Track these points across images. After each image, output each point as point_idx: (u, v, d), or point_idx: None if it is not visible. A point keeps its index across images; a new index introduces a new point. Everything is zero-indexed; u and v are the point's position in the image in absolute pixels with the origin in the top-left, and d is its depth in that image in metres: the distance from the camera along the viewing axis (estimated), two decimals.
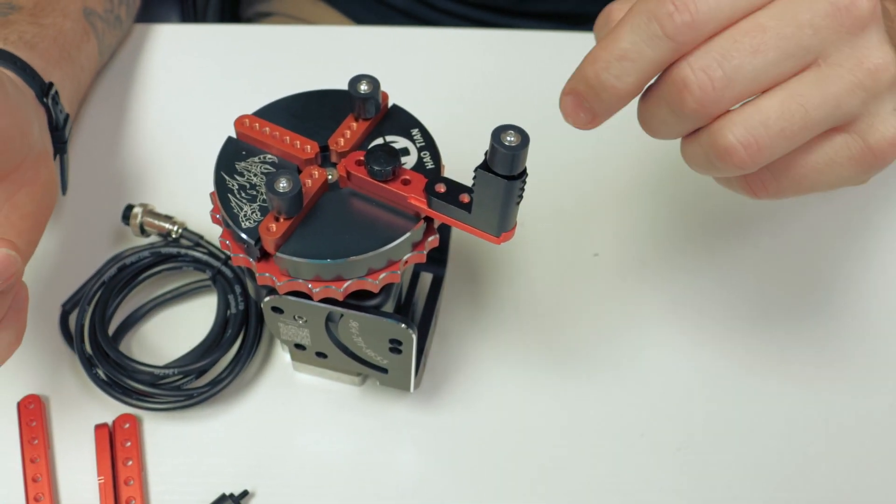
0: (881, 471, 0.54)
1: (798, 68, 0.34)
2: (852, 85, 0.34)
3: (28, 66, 0.51)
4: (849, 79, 0.34)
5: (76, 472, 0.52)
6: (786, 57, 0.34)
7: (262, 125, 0.45)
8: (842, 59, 0.34)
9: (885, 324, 0.59)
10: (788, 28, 0.33)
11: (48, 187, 0.46)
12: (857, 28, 0.33)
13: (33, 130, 0.46)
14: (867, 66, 0.34)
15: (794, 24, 0.33)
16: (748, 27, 0.34)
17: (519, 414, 0.55)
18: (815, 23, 0.33)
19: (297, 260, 0.41)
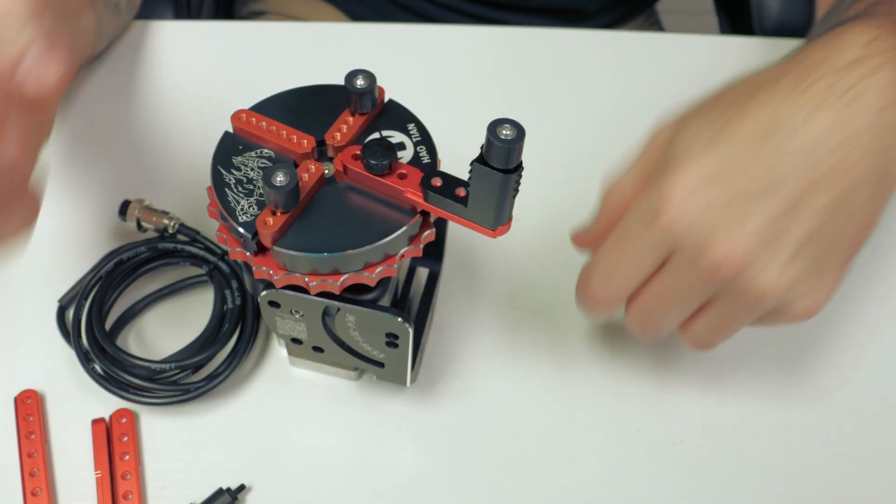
0: (877, 468, 0.54)
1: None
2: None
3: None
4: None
5: (73, 466, 0.52)
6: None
7: (258, 120, 0.45)
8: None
9: (883, 323, 0.60)
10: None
11: (87, 33, 0.43)
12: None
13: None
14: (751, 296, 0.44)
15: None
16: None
17: (515, 408, 0.55)
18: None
19: (293, 254, 0.41)
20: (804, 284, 0.44)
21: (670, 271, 0.45)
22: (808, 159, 0.42)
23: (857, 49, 0.44)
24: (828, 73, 0.43)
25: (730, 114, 0.44)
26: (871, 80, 0.43)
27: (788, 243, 0.43)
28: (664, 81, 0.73)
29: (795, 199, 0.42)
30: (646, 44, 0.76)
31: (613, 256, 0.46)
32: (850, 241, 0.45)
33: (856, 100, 0.42)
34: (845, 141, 0.42)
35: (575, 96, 0.71)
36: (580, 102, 0.71)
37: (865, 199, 0.44)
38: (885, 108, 0.43)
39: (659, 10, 1.03)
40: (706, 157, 0.43)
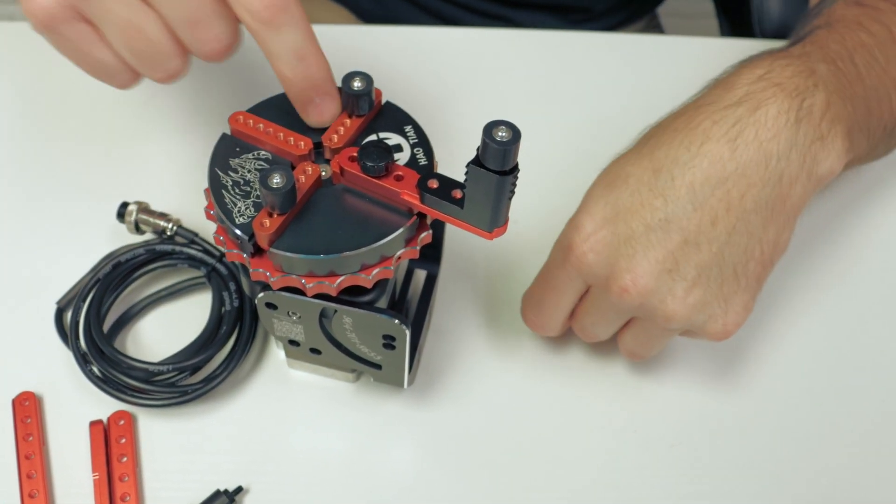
0: (874, 467, 0.54)
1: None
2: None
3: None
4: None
5: (71, 468, 0.52)
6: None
7: (256, 122, 0.45)
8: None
9: (882, 322, 0.60)
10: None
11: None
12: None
13: None
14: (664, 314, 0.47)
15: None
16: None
17: (513, 410, 0.55)
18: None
19: (290, 255, 0.41)
20: (712, 308, 0.47)
21: (591, 298, 0.50)
22: (696, 195, 0.46)
23: (745, 86, 0.48)
24: (715, 111, 0.47)
25: (629, 156, 0.49)
26: (755, 115, 0.46)
27: (687, 272, 0.46)
28: (664, 84, 0.72)
29: (688, 233, 0.46)
30: (646, 46, 0.76)
31: (539, 291, 0.52)
32: (755, 265, 0.48)
33: (739, 135, 0.46)
34: (728, 176, 0.46)
35: (574, 98, 0.71)
36: (579, 104, 0.71)
37: (758, 226, 0.47)
38: (769, 141, 0.46)
39: (660, 14, 1.03)
40: (605, 198, 0.47)
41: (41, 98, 0.68)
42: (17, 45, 0.71)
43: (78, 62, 0.45)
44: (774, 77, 0.48)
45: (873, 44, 0.53)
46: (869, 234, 0.64)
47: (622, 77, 0.73)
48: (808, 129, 0.47)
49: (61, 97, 0.68)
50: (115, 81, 0.45)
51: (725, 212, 0.46)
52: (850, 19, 0.56)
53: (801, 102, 0.47)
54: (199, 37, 0.41)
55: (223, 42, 0.42)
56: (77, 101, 0.68)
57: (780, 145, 0.46)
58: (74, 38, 0.43)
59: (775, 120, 0.46)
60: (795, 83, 0.47)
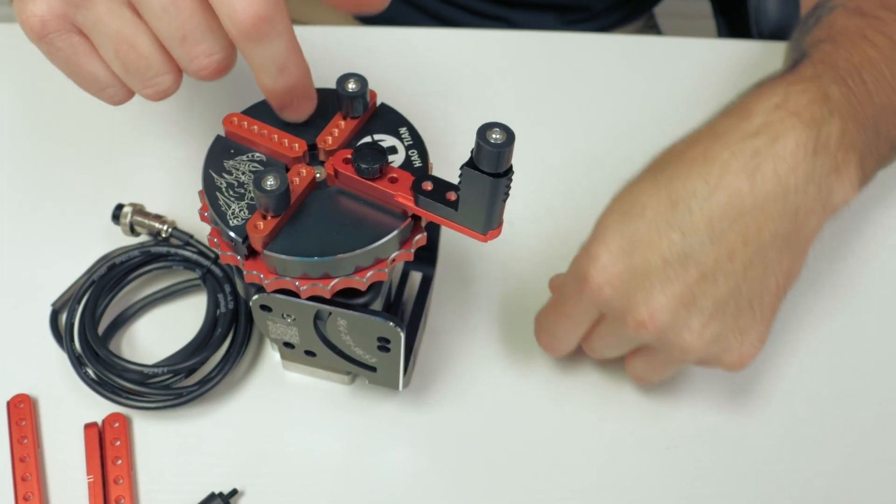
0: (872, 470, 0.54)
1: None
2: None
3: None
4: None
5: (65, 471, 0.52)
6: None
7: (250, 123, 0.45)
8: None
9: (880, 323, 0.59)
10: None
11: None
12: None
13: None
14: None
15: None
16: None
17: (508, 411, 0.55)
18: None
19: (284, 258, 0.41)
20: (727, 340, 0.48)
21: (606, 325, 0.50)
22: (714, 229, 0.46)
23: (762, 115, 0.47)
24: (733, 142, 0.46)
25: (644, 185, 0.48)
26: (773, 148, 0.46)
27: (704, 306, 0.46)
28: (662, 85, 0.73)
29: (706, 267, 0.46)
30: (643, 47, 0.76)
31: (553, 317, 0.52)
32: (769, 297, 0.48)
33: (758, 168, 0.46)
34: (747, 210, 0.46)
35: (570, 100, 0.71)
36: (575, 106, 0.71)
37: (774, 258, 0.47)
38: (788, 174, 0.46)
39: (657, 14, 1.03)
40: (621, 229, 0.47)
41: (36, 100, 0.68)
42: (12, 48, 0.71)
43: (70, 74, 0.44)
44: (791, 106, 0.47)
45: (879, 58, 0.53)
46: (873, 246, 0.63)
47: (619, 78, 0.73)
48: (825, 161, 0.47)
49: (57, 99, 0.68)
50: (106, 96, 0.45)
51: (743, 246, 0.46)
52: (853, 31, 0.56)
53: (818, 133, 0.47)
54: (188, 51, 0.41)
55: (214, 58, 0.42)
56: (72, 104, 0.68)
57: (798, 178, 0.46)
58: (67, 49, 0.43)
59: (794, 152, 0.46)
60: (812, 112, 0.47)
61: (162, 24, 0.40)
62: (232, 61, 0.43)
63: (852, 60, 0.53)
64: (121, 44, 0.41)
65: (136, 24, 0.41)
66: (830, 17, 0.59)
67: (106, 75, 0.44)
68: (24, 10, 0.42)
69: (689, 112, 0.70)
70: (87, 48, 0.43)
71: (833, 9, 0.60)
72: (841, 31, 0.56)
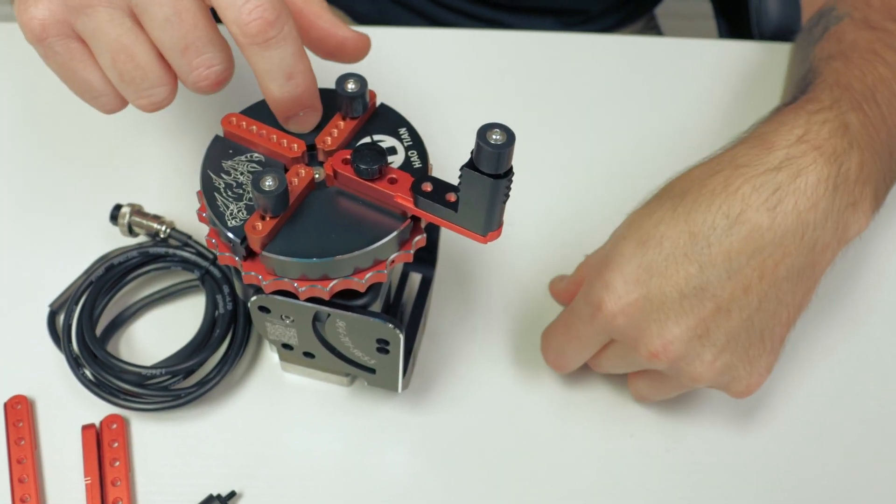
0: (872, 473, 0.54)
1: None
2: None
3: None
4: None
5: (63, 472, 0.52)
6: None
7: (249, 124, 0.45)
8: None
9: (879, 324, 0.59)
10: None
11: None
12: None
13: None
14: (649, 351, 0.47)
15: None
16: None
17: (508, 414, 0.55)
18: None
19: (282, 259, 0.41)
20: (737, 370, 0.48)
21: (616, 350, 0.50)
22: (731, 264, 0.46)
23: (785, 148, 0.47)
24: (755, 176, 0.46)
25: (663, 214, 0.47)
26: (795, 183, 0.46)
27: (717, 338, 0.47)
28: (663, 85, 0.72)
29: (721, 300, 0.46)
30: (644, 48, 0.76)
31: (563, 338, 0.52)
32: (780, 328, 0.48)
33: (779, 204, 0.45)
34: (766, 245, 0.46)
35: (570, 100, 0.71)
36: (575, 106, 0.70)
37: (788, 291, 0.47)
38: (808, 210, 0.46)
39: (658, 15, 1.03)
40: (637, 258, 0.47)
41: (35, 101, 0.68)
42: (11, 48, 0.71)
43: (65, 79, 0.44)
44: (812, 139, 0.47)
45: (891, 77, 0.54)
46: (873, 256, 0.63)
47: (620, 79, 0.73)
48: (844, 196, 0.47)
49: (55, 100, 0.68)
50: (98, 103, 0.45)
51: (759, 280, 0.46)
52: (863, 46, 0.56)
53: (839, 168, 0.47)
54: (189, 62, 0.41)
55: (214, 69, 0.42)
56: (71, 104, 0.67)
57: (817, 215, 0.46)
58: (65, 54, 0.43)
59: (815, 189, 0.46)
60: (833, 145, 0.47)
61: (164, 35, 0.40)
62: (230, 73, 0.43)
63: (865, 81, 0.53)
64: (119, 53, 0.41)
65: (137, 33, 0.41)
66: (838, 28, 0.59)
67: (101, 83, 0.44)
68: (25, 11, 0.42)
69: (690, 113, 0.70)
70: (85, 55, 0.43)
71: (840, 19, 0.60)
72: (851, 46, 0.56)
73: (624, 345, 0.49)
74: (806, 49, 0.62)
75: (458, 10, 0.88)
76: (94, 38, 0.42)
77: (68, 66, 0.43)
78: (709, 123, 0.70)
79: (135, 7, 0.41)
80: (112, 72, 0.42)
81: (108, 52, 0.42)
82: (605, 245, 0.52)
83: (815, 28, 0.63)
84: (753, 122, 0.66)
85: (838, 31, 0.59)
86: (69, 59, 0.43)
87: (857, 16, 0.60)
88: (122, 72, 0.42)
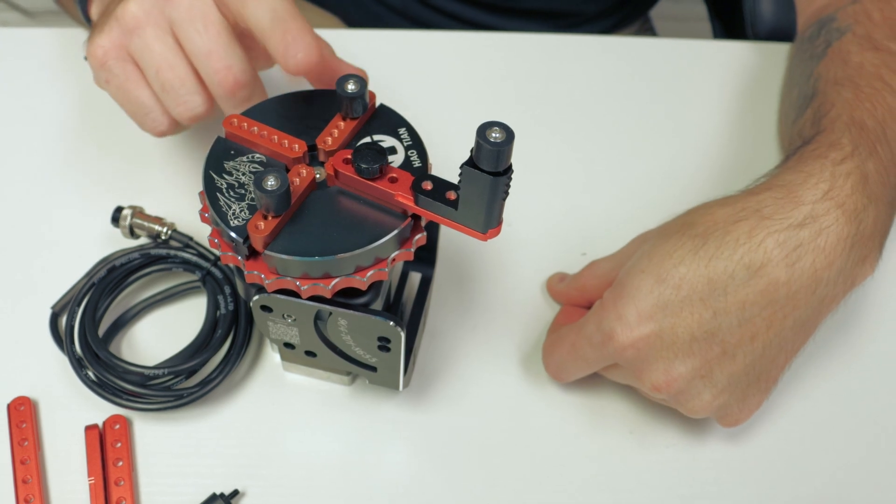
0: (871, 469, 0.54)
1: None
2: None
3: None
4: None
5: (66, 473, 0.52)
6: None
7: (250, 125, 0.45)
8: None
9: (878, 326, 0.60)
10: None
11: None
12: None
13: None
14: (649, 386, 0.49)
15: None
16: None
17: (508, 412, 0.55)
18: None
19: (285, 257, 0.41)
20: (731, 408, 0.50)
21: (619, 373, 0.52)
22: (744, 313, 0.47)
23: (810, 204, 0.48)
24: (779, 231, 0.47)
25: (683, 254, 0.48)
26: (816, 241, 0.47)
27: (719, 380, 0.48)
28: (658, 86, 0.73)
29: (728, 346, 0.47)
30: (640, 49, 0.76)
31: (567, 356, 0.53)
32: (776, 370, 0.50)
33: (798, 261, 0.47)
34: (779, 299, 0.47)
35: (569, 101, 0.71)
36: (573, 106, 0.71)
37: (790, 339, 0.49)
38: (824, 269, 0.47)
39: (652, 17, 1.03)
40: (654, 293, 0.47)
41: (36, 103, 0.68)
42: (12, 53, 0.71)
43: (120, 100, 0.52)
44: (836, 195, 0.48)
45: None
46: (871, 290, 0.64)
47: (617, 79, 0.73)
48: (857, 253, 0.48)
49: (56, 103, 0.68)
50: (148, 121, 0.52)
51: (766, 329, 0.47)
52: (871, 72, 0.57)
53: (858, 227, 0.48)
54: (212, 64, 0.48)
55: (233, 71, 0.48)
56: (71, 106, 0.68)
57: (831, 272, 0.47)
58: (121, 75, 0.50)
59: (833, 248, 0.47)
60: (854, 203, 0.48)
61: (193, 44, 0.48)
62: (247, 77, 0.49)
63: (876, 115, 0.54)
64: (162, 64, 0.49)
65: (176, 49, 0.49)
66: (841, 45, 0.60)
67: (150, 100, 0.51)
68: (92, 42, 0.50)
69: (685, 112, 0.71)
70: (137, 74, 0.50)
71: (842, 33, 0.61)
72: (858, 71, 0.57)
73: (629, 373, 0.50)
74: (808, 63, 0.63)
75: (453, 14, 0.88)
76: (143, 55, 0.49)
77: (124, 86, 0.50)
78: (705, 123, 0.70)
79: (173, 24, 0.48)
80: (156, 83, 0.49)
81: (154, 65, 0.49)
82: (616, 255, 0.54)
83: (816, 40, 0.63)
84: (750, 121, 0.67)
85: (842, 50, 0.60)
86: (125, 79, 0.50)
87: (859, 31, 0.60)
88: (164, 81, 0.49)
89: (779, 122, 0.69)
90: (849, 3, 0.63)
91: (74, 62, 0.70)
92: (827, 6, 0.66)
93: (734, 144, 0.69)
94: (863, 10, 0.62)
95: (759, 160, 0.67)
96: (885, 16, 0.61)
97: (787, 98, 0.67)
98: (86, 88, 0.69)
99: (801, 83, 0.62)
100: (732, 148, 0.69)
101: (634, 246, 0.54)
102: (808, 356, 0.57)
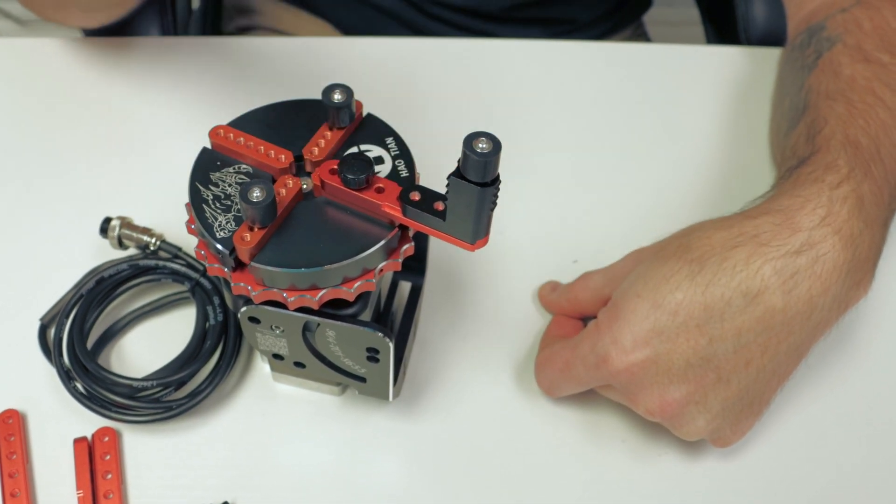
0: (866, 477, 0.54)
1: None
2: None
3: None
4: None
5: (55, 486, 0.52)
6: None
7: (236, 135, 0.45)
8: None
9: (871, 343, 0.60)
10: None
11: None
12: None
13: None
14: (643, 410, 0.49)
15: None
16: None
17: (499, 421, 0.55)
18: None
19: (271, 269, 0.41)
20: (723, 430, 0.50)
21: (612, 393, 0.52)
22: (740, 340, 0.47)
23: (808, 231, 0.47)
24: (777, 258, 0.47)
25: (680, 279, 0.47)
26: (813, 268, 0.47)
27: (713, 405, 0.48)
28: (651, 92, 0.73)
29: (723, 371, 0.47)
30: (633, 54, 0.76)
31: (560, 375, 0.52)
32: (769, 393, 0.50)
33: (794, 288, 0.46)
34: (774, 326, 0.47)
35: (559, 107, 0.71)
36: (564, 114, 0.71)
37: (784, 364, 0.49)
38: (820, 295, 0.47)
39: (646, 22, 1.03)
40: (650, 318, 0.47)
41: (24, 116, 0.68)
42: (2, 60, 0.71)
43: None
44: (833, 221, 0.48)
45: (892, 123, 0.54)
46: None
47: (608, 86, 0.73)
48: (852, 278, 0.48)
49: (44, 114, 0.68)
50: None
51: (761, 355, 0.47)
52: (862, 86, 0.56)
53: (854, 252, 0.48)
54: None
55: None
56: (59, 117, 0.68)
57: (826, 299, 0.47)
58: None
59: (829, 275, 0.47)
60: (850, 228, 0.48)
61: None
62: None
63: (870, 132, 0.53)
64: None
65: None
66: (832, 56, 0.59)
67: None
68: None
69: (679, 118, 0.71)
70: None
71: (832, 43, 0.60)
72: (850, 85, 0.57)
73: (622, 395, 0.50)
74: (799, 73, 0.62)
75: (447, 21, 0.88)
76: None
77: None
78: (698, 128, 0.70)
79: None
80: None
81: None
82: (609, 270, 0.54)
83: (806, 49, 0.63)
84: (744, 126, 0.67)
85: (833, 61, 0.59)
86: None
87: (850, 41, 0.60)
88: None
89: (770, 132, 0.69)
90: (838, 11, 0.63)
91: (66, 72, 0.70)
92: (816, 12, 0.66)
93: (727, 149, 0.69)
94: (853, 19, 0.62)
95: (752, 165, 0.67)
96: (875, 25, 0.61)
97: (779, 108, 0.67)
98: (76, 99, 0.68)
99: (793, 94, 0.62)
100: (725, 153, 0.68)
101: (629, 263, 0.53)
102: (801, 371, 0.57)
